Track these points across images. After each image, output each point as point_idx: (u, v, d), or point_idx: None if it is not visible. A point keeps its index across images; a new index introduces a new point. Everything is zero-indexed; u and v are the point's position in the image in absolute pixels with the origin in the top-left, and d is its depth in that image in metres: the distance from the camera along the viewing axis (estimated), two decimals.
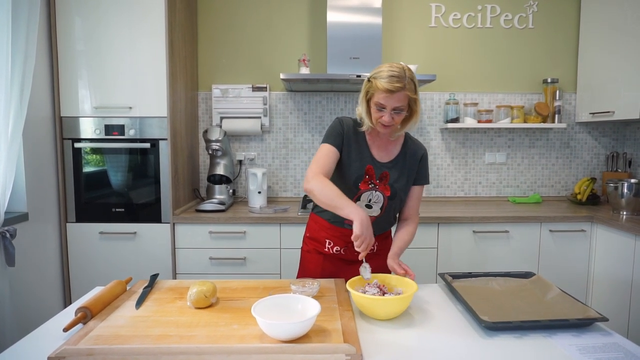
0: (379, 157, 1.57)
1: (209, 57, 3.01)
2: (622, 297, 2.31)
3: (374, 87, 1.42)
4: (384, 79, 1.39)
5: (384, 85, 1.38)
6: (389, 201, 1.57)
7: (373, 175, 1.55)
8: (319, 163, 1.48)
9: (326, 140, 1.53)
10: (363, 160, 1.55)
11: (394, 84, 1.38)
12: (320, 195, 1.40)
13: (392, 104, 1.41)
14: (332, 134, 1.54)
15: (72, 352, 0.99)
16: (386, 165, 1.57)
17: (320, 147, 1.54)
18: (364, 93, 1.48)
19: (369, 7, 2.64)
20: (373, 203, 1.57)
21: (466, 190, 3.13)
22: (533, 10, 3.03)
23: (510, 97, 3.08)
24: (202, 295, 1.26)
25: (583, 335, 1.13)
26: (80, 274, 2.50)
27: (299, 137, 3.05)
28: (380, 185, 1.55)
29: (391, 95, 1.40)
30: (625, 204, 2.49)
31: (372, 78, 1.44)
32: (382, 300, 1.21)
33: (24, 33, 1.99)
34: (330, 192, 1.39)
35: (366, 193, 1.55)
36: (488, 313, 1.22)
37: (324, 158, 1.49)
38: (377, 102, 1.43)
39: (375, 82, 1.41)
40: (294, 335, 1.03)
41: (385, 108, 1.43)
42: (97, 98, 2.44)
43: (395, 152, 1.59)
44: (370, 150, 1.57)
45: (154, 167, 2.49)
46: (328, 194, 1.39)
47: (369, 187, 1.55)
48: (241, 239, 2.49)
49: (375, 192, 1.55)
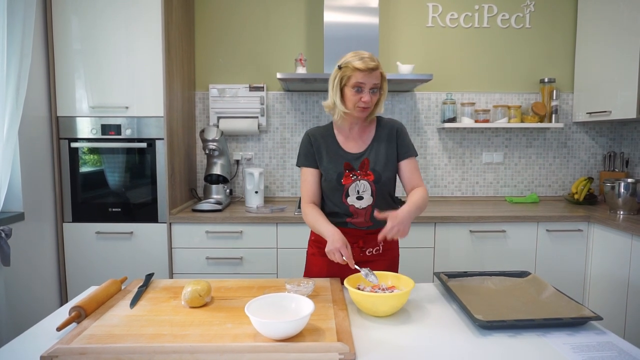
0: (353, 149, 1.61)
1: (206, 56, 3.00)
2: (619, 296, 2.31)
3: (349, 70, 1.47)
4: (358, 61, 1.46)
5: (362, 65, 1.45)
6: (376, 185, 1.57)
7: (352, 168, 1.58)
8: (303, 193, 1.64)
9: (301, 163, 1.65)
10: (338, 159, 1.59)
11: (370, 63, 1.46)
12: (307, 222, 1.61)
13: (370, 82, 1.48)
14: (303, 154, 1.64)
15: (65, 351, 0.99)
16: (363, 154, 1.59)
17: (301, 172, 1.66)
18: (338, 80, 1.51)
19: (366, 7, 2.64)
20: (362, 193, 1.58)
21: (463, 190, 3.13)
22: (530, 10, 3.03)
23: (507, 97, 3.08)
24: (196, 294, 1.26)
25: (577, 334, 1.13)
26: (76, 273, 2.50)
27: (296, 137, 3.05)
28: (361, 174, 1.57)
29: (369, 74, 1.46)
30: (622, 203, 2.50)
31: (344, 65, 1.49)
32: (380, 297, 1.22)
33: (19, 32, 1.98)
34: (311, 221, 1.57)
35: (351, 186, 1.57)
36: (482, 312, 1.22)
37: (305, 185, 1.63)
38: (356, 83, 1.47)
39: (350, 65, 1.47)
40: (288, 334, 1.03)
41: (364, 88, 1.48)
42: (93, 98, 2.44)
43: (369, 138, 1.62)
44: (343, 148, 1.60)
45: (150, 167, 2.49)
46: (311, 223, 1.58)
47: (351, 179, 1.57)
48: (238, 239, 2.49)
49: (360, 182, 1.57)
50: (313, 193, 1.62)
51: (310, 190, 1.62)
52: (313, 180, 1.62)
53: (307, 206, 1.61)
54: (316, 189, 1.62)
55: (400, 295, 1.22)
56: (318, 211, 1.58)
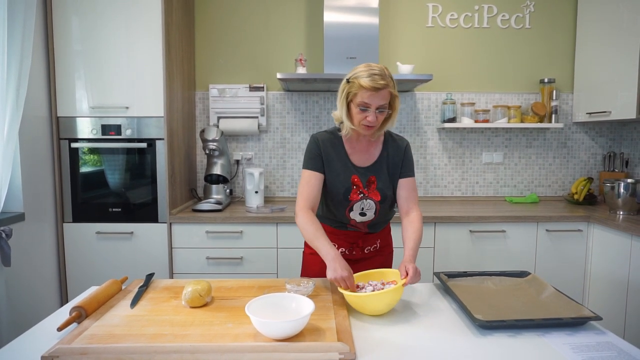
0: (361, 162, 1.56)
1: (206, 56, 3.01)
2: (619, 296, 2.31)
3: (356, 87, 1.39)
4: (366, 78, 1.37)
5: (369, 83, 1.36)
6: (381, 205, 1.57)
7: (360, 184, 1.54)
8: (303, 195, 1.52)
9: (306, 166, 1.55)
10: (346, 171, 1.54)
11: (378, 82, 1.37)
12: (303, 233, 1.47)
13: (376, 102, 1.40)
14: (310, 157, 1.55)
15: (66, 351, 0.99)
16: (370, 169, 1.56)
17: (302, 174, 1.55)
18: (345, 95, 1.44)
19: (366, 7, 2.64)
20: (366, 210, 1.57)
21: (463, 190, 3.13)
22: (530, 10, 3.03)
23: (507, 97, 3.09)
24: (196, 294, 1.26)
25: (577, 334, 1.14)
26: (77, 274, 2.50)
27: (296, 137, 3.06)
28: (369, 192, 1.55)
29: (376, 94, 1.38)
30: (621, 203, 2.50)
31: (353, 79, 1.41)
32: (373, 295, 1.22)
33: (20, 32, 1.99)
34: (309, 233, 1.44)
35: (357, 203, 1.55)
36: (482, 312, 1.22)
37: (307, 187, 1.52)
38: (361, 102, 1.40)
39: (357, 82, 1.39)
40: (288, 334, 1.04)
41: (369, 108, 1.41)
42: (93, 98, 2.44)
43: (376, 153, 1.58)
44: (350, 159, 1.56)
45: (150, 167, 2.49)
46: (307, 235, 1.45)
47: (359, 197, 1.54)
48: (238, 239, 2.49)
49: (367, 200, 1.55)
50: (314, 197, 1.53)
51: (311, 195, 1.53)
52: (316, 184, 1.53)
53: (305, 213, 1.49)
54: (317, 194, 1.54)
55: (391, 291, 1.22)
56: (316, 224, 1.47)
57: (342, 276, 1.30)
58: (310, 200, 1.52)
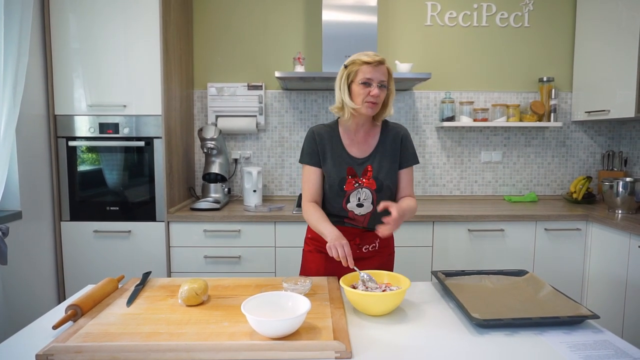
0: (358, 153, 1.59)
1: (204, 55, 3.00)
2: (617, 295, 2.31)
3: (356, 66, 1.49)
4: (365, 56, 1.48)
5: (368, 59, 1.47)
6: (377, 194, 1.57)
7: (355, 174, 1.57)
8: (306, 190, 1.62)
9: (304, 160, 1.62)
10: (342, 163, 1.57)
11: (375, 58, 1.48)
12: (308, 220, 1.58)
13: (378, 77, 1.48)
14: (307, 152, 1.62)
15: (61, 350, 0.99)
16: (367, 159, 1.59)
17: (303, 169, 1.64)
18: (345, 78, 1.51)
19: (365, 6, 2.64)
20: (363, 201, 1.57)
21: (462, 188, 3.13)
22: (529, 9, 3.03)
23: (506, 96, 3.08)
24: (193, 292, 1.25)
25: (574, 333, 1.13)
26: (74, 272, 2.50)
27: (295, 136, 3.05)
28: (365, 182, 1.57)
29: (377, 68, 1.47)
30: (620, 202, 2.50)
31: (350, 63, 1.51)
32: (375, 296, 1.21)
33: (17, 30, 1.98)
34: (313, 219, 1.54)
35: (353, 193, 1.57)
36: (479, 310, 1.22)
37: (309, 184, 1.61)
38: (364, 78, 1.47)
39: (357, 61, 1.49)
40: (284, 333, 1.03)
41: (372, 82, 1.48)
42: (91, 96, 2.43)
43: (373, 143, 1.61)
44: (347, 150, 1.59)
45: (148, 165, 2.49)
46: (312, 221, 1.55)
47: (354, 186, 1.57)
48: (236, 238, 2.48)
49: (362, 189, 1.57)
50: (315, 192, 1.60)
51: (312, 189, 1.60)
52: (316, 179, 1.60)
53: (308, 204, 1.59)
54: (318, 188, 1.61)
55: (395, 294, 1.22)
56: (320, 211, 1.56)
57: (339, 242, 1.37)
58: (313, 195, 1.61)
